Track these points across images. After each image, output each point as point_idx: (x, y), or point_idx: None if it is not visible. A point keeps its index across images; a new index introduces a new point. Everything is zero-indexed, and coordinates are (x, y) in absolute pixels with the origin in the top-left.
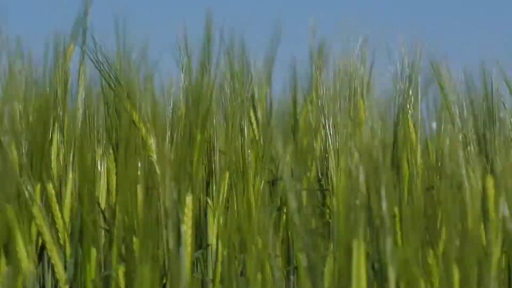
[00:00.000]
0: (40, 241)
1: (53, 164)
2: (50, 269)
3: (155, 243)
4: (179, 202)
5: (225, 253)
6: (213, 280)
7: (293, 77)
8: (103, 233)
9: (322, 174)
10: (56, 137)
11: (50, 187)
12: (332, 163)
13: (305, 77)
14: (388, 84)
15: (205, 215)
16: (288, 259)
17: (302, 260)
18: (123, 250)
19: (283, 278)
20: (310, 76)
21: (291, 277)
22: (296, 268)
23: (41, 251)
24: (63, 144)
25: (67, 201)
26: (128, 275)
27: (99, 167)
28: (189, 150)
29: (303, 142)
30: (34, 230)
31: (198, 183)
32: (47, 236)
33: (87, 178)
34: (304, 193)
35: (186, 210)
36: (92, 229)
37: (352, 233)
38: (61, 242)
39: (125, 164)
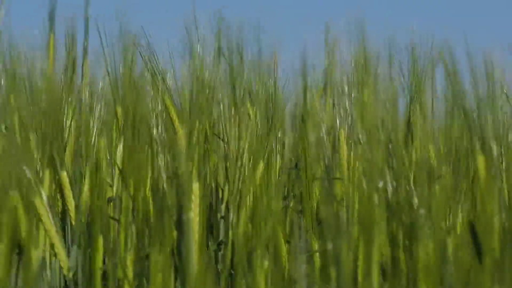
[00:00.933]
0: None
1: (68, 152)
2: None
3: (165, 231)
4: (187, 189)
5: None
6: (223, 268)
7: (304, 67)
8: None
9: (329, 164)
10: (71, 124)
11: (64, 175)
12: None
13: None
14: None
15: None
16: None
17: (323, 246)
18: (133, 238)
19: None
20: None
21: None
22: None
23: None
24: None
25: (86, 188)
26: (138, 264)
27: (113, 155)
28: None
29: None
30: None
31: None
32: (49, 225)
33: (99, 167)
34: (316, 183)
35: (193, 197)
36: (101, 217)
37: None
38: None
39: (135, 151)
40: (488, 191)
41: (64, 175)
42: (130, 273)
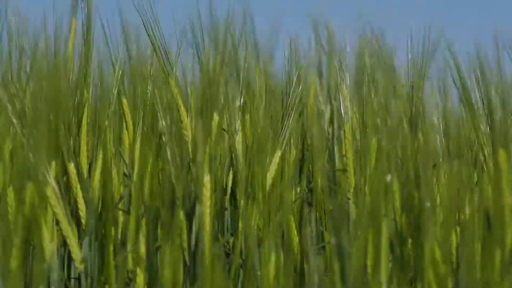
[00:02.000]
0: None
1: (82, 143)
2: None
3: (175, 224)
4: (197, 182)
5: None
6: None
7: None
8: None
9: (330, 156)
10: (86, 116)
11: (71, 166)
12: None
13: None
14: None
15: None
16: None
17: (330, 239)
18: (143, 230)
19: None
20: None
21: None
22: (324, 247)
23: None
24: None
25: (96, 179)
26: (148, 256)
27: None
28: (206, 130)
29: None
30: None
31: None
32: (61, 216)
33: (111, 159)
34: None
35: (204, 191)
36: (112, 209)
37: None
38: (83, 221)
39: (148, 142)
40: (508, 184)
41: (71, 166)
42: (143, 265)
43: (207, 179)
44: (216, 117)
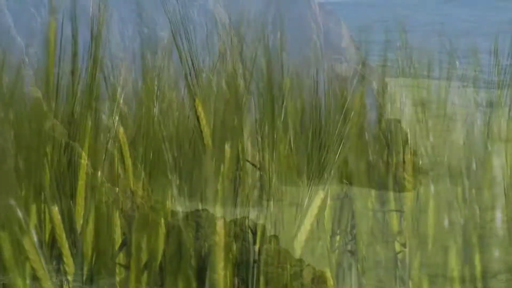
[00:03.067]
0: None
1: (80, 183)
2: None
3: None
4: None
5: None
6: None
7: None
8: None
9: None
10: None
11: (55, 211)
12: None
13: None
14: None
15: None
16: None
17: None
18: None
19: None
20: None
21: None
22: None
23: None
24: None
25: (90, 227)
26: None
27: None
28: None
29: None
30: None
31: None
32: (43, 273)
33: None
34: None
35: (217, 238)
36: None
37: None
38: (68, 277)
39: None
40: None
41: (55, 211)
42: None
43: (220, 224)
44: (228, 149)
